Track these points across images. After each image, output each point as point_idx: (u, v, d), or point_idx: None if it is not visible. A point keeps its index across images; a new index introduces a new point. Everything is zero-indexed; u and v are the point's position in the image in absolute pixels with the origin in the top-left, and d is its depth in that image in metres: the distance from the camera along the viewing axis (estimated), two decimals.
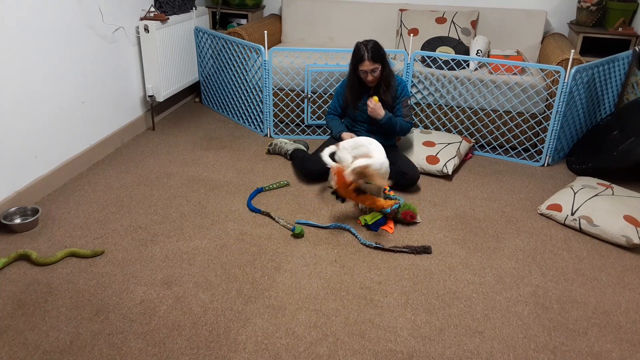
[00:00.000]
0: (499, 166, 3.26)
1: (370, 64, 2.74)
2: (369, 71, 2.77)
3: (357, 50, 2.77)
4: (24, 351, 1.75)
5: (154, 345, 1.79)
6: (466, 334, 1.89)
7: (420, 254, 2.34)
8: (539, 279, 2.20)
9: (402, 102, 2.91)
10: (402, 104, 2.91)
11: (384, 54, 2.81)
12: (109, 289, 2.07)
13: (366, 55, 2.73)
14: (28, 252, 2.21)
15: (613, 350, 1.84)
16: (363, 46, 2.75)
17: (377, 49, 2.75)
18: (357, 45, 2.79)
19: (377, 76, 2.80)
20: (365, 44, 2.76)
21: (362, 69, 2.78)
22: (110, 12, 3.12)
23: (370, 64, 2.74)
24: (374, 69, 2.76)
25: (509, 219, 2.66)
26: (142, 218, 2.56)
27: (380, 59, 2.77)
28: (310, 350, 1.79)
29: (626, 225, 2.43)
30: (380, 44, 2.81)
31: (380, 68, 2.78)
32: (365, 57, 2.73)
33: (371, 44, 2.76)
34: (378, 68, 2.77)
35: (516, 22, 3.80)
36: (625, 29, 3.57)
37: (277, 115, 3.68)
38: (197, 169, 3.09)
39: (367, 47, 2.74)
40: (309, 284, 2.13)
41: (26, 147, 2.60)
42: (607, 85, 3.41)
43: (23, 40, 2.49)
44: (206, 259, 2.27)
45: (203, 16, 4.10)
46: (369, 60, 2.73)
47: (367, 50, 2.73)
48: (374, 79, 2.81)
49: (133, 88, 3.49)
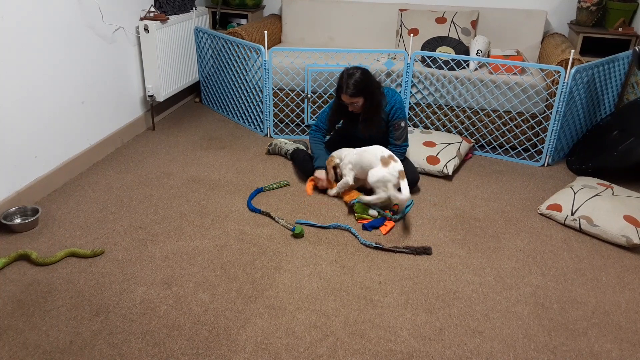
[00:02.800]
0: (499, 166, 3.26)
1: (348, 98, 2.66)
2: (348, 103, 2.70)
3: (340, 78, 2.67)
4: (24, 351, 1.75)
5: (154, 345, 1.79)
6: (466, 334, 1.89)
7: (420, 254, 2.34)
8: (539, 279, 2.20)
9: (393, 125, 2.78)
10: (394, 127, 2.78)
11: (369, 86, 2.65)
12: (109, 289, 2.07)
13: (344, 88, 2.63)
14: (28, 252, 2.21)
15: (613, 350, 1.84)
16: (346, 76, 2.63)
17: (358, 83, 2.61)
18: (342, 72, 2.67)
19: (359, 108, 2.71)
20: (349, 75, 2.62)
21: (342, 99, 2.69)
22: (110, 12, 3.12)
23: (348, 99, 2.65)
24: (353, 102, 2.67)
25: (509, 219, 2.66)
26: (142, 218, 2.56)
27: (362, 93, 2.63)
28: (310, 350, 1.79)
29: (626, 225, 2.43)
30: (368, 74, 2.67)
31: (363, 101, 2.67)
32: (342, 89, 2.64)
33: (355, 77, 2.61)
34: (358, 102, 2.67)
35: (516, 22, 3.80)
36: (625, 29, 3.57)
37: (277, 115, 3.68)
38: (197, 169, 3.09)
39: (350, 79, 2.61)
40: (309, 284, 2.13)
41: (26, 147, 2.60)
42: (607, 85, 3.41)
43: (23, 41, 2.49)
44: (206, 259, 2.27)
45: (203, 16, 4.10)
46: (346, 94, 2.64)
47: (347, 84, 2.61)
48: (356, 109, 2.72)
49: (133, 88, 3.49)
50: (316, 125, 2.97)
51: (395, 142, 2.82)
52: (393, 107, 2.77)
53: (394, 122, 2.78)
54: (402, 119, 2.79)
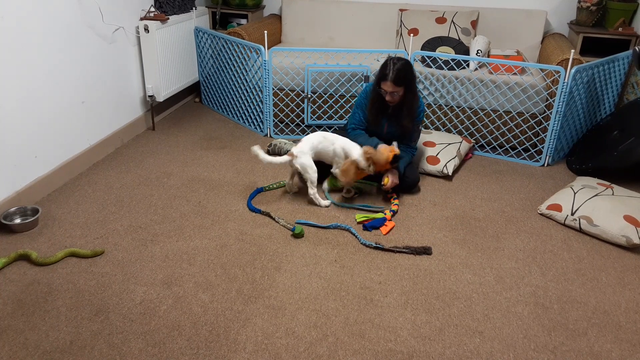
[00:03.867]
0: (499, 166, 3.26)
1: (391, 86, 2.59)
2: (388, 92, 2.63)
3: (384, 67, 2.62)
4: (24, 351, 1.75)
5: (154, 345, 1.79)
6: (466, 334, 1.89)
7: (420, 254, 2.34)
8: (539, 279, 2.20)
9: (417, 124, 2.80)
10: (417, 126, 2.80)
11: (411, 79, 2.65)
12: (109, 289, 2.07)
13: (389, 75, 2.58)
14: (28, 252, 2.21)
15: (613, 350, 1.84)
16: (391, 64, 2.59)
17: (403, 72, 2.58)
18: (386, 60, 2.64)
19: (397, 99, 2.67)
20: (394, 62, 2.59)
21: (382, 88, 2.64)
22: (110, 12, 3.12)
23: (391, 86, 2.60)
24: (395, 91, 2.62)
25: (509, 219, 2.66)
26: (142, 218, 2.56)
27: (404, 82, 2.61)
28: (310, 350, 1.79)
29: (626, 225, 2.43)
30: (411, 66, 2.65)
31: (403, 92, 2.64)
32: (388, 77, 2.58)
33: (399, 65, 2.58)
34: (399, 92, 2.62)
35: (516, 22, 3.80)
36: (625, 29, 3.57)
37: (277, 115, 3.68)
38: (197, 169, 3.09)
39: (394, 67, 2.58)
40: (309, 284, 2.13)
41: (26, 147, 2.60)
42: (607, 85, 3.41)
43: (23, 40, 2.49)
44: (206, 259, 2.27)
45: (203, 16, 4.10)
46: (390, 81, 2.58)
47: (392, 70, 2.57)
48: (393, 100, 2.67)
49: (133, 88, 3.49)
50: (352, 126, 2.89)
51: (411, 144, 2.84)
52: (420, 106, 2.79)
53: (418, 121, 2.80)
54: (421, 121, 2.84)
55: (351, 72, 3.42)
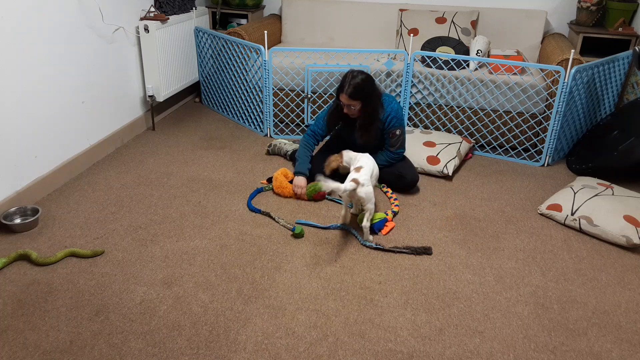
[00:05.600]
0: (499, 166, 3.26)
1: (346, 99, 2.59)
2: (345, 104, 2.63)
3: (343, 79, 2.61)
4: (24, 351, 1.75)
5: (154, 345, 1.79)
6: (466, 334, 1.89)
7: (420, 254, 2.34)
8: (539, 279, 2.20)
9: (389, 133, 2.75)
10: (390, 135, 2.76)
11: (369, 93, 2.60)
12: (109, 289, 2.07)
13: (345, 88, 2.57)
14: (28, 252, 2.21)
15: (613, 350, 1.84)
16: (350, 77, 2.58)
17: (360, 86, 2.56)
18: (347, 72, 2.62)
19: (355, 112, 2.65)
20: (353, 76, 2.58)
21: (340, 100, 2.64)
22: (110, 12, 3.12)
23: (347, 100, 2.59)
24: (350, 105, 2.61)
25: (509, 219, 2.66)
26: (142, 218, 2.56)
27: (361, 97, 2.58)
28: (310, 350, 1.79)
29: (626, 225, 2.43)
30: (371, 81, 2.63)
31: (360, 106, 2.62)
32: (344, 89, 2.57)
33: (358, 79, 2.56)
34: (356, 106, 2.61)
35: (516, 22, 3.80)
36: (625, 29, 3.57)
37: (277, 115, 3.68)
38: (197, 169, 3.09)
39: (352, 80, 2.56)
40: (309, 284, 2.13)
41: (26, 147, 2.60)
42: (607, 85, 3.41)
43: (23, 40, 2.49)
44: (206, 259, 2.27)
45: (203, 16, 4.10)
46: (346, 94, 2.57)
47: (349, 84, 2.56)
48: (352, 113, 2.66)
49: (133, 88, 3.49)
50: (312, 130, 2.88)
51: (390, 149, 2.82)
52: (389, 115, 2.72)
53: (389, 130, 2.75)
54: (398, 127, 2.75)
55: None
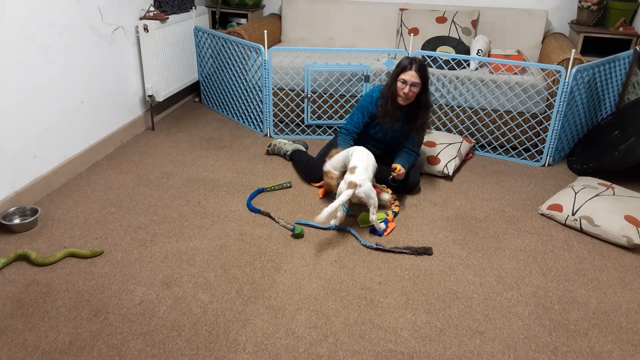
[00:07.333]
0: (500, 166, 3.26)
1: (414, 76, 2.56)
2: (409, 83, 2.57)
3: (403, 61, 2.61)
4: (23, 351, 1.75)
5: (153, 345, 1.79)
6: (467, 335, 1.88)
7: (420, 255, 2.34)
8: (540, 280, 2.20)
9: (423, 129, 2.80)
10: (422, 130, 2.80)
11: (429, 78, 2.66)
12: (108, 289, 2.06)
13: (414, 66, 2.56)
14: (27, 253, 2.20)
15: (614, 351, 1.83)
16: (410, 59, 2.61)
17: (425, 67, 2.61)
18: (404, 57, 2.65)
19: (413, 95, 2.61)
20: (414, 58, 2.62)
21: (403, 78, 2.58)
22: (109, 11, 3.11)
23: (415, 76, 2.56)
24: (416, 83, 2.57)
25: (510, 219, 2.65)
26: (142, 218, 2.56)
27: (425, 78, 2.61)
28: (310, 350, 1.79)
29: (627, 225, 2.43)
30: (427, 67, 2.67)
31: (421, 88, 2.61)
32: (412, 67, 2.56)
33: (421, 60, 2.62)
34: (419, 85, 2.59)
35: (517, 21, 3.79)
36: (626, 29, 3.56)
37: (277, 115, 3.67)
38: (196, 169, 3.09)
39: (416, 60, 2.60)
40: (309, 284, 2.12)
41: (26, 147, 2.59)
42: (607, 85, 3.41)
43: (23, 40, 2.48)
44: (206, 259, 2.26)
45: (203, 16, 4.10)
46: (415, 71, 2.56)
47: (415, 61, 2.58)
48: (410, 94, 2.60)
49: (132, 88, 3.48)
50: (346, 129, 2.84)
51: (413, 149, 2.81)
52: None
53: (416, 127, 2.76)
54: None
55: (351, 72, 3.41)
